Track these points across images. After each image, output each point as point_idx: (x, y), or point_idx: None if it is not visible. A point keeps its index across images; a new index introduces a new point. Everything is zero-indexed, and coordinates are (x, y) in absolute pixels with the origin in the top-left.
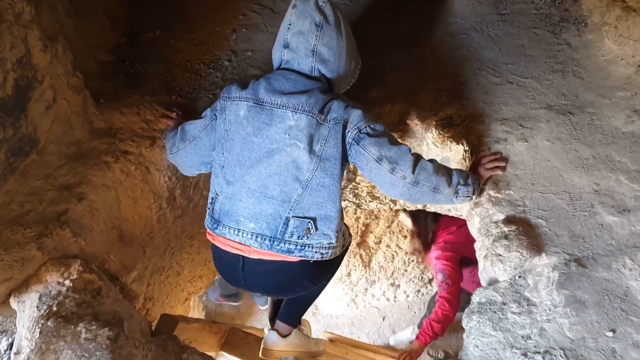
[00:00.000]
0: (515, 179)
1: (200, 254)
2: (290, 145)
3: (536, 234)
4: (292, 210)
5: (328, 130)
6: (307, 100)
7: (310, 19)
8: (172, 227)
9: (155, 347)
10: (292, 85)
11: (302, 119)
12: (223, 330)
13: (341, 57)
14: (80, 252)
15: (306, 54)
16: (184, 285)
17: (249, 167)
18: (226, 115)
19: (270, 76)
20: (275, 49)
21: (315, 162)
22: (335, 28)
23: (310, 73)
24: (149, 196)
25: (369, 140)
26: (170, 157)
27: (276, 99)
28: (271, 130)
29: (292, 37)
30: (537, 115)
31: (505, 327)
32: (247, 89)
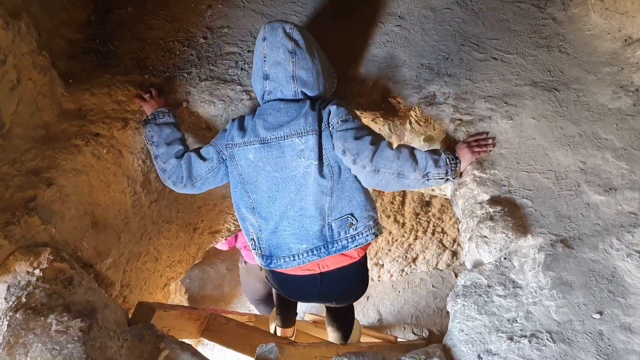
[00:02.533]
0: (500, 158)
1: (178, 239)
2: (308, 167)
3: (522, 214)
4: (330, 217)
5: (324, 139)
6: (305, 122)
7: (283, 48)
8: (148, 211)
9: (131, 337)
10: (285, 114)
11: (309, 139)
12: (203, 317)
13: (319, 75)
14: (51, 240)
15: (287, 81)
16: (162, 271)
17: (282, 198)
18: (236, 161)
19: (262, 113)
20: (256, 81)
21: (329, 171)
22: (307, 50)
23: (294, 97)
24: (123, 180)
25: (337, 134)
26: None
27: (278, 133)
28: (286, 160)
29: (270, 68)
30: (522, 92)
31: (490, 311)
32: (246, 132)
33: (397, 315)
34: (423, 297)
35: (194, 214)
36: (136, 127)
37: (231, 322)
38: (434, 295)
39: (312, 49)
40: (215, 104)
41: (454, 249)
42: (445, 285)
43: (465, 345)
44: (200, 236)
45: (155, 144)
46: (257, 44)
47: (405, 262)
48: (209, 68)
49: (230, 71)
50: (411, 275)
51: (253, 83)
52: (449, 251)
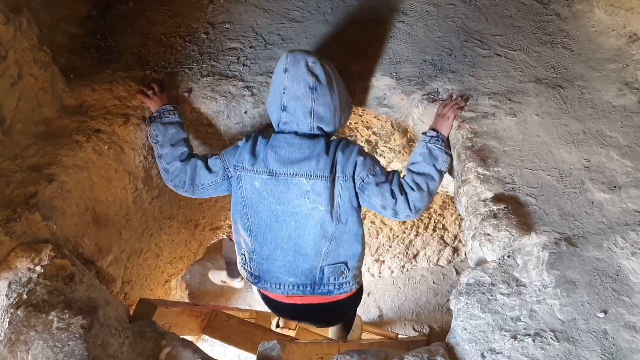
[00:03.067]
0: (503, 155)
1: (180, 235)
2: (312, 209)
3: (525, 212)
4: (324, 261)
5: (340, 187)
6: (317, 165)
7: (304, 83)
8: (150, 208)
9: (132, 334)
10: (298, 151)
11: (317, 184)
12: (204, 313)
13: (336, 110)
14: (52, 236)
15: (304, 116)
16: (163, 267)
17: (279, 229)
18: (242, 185)
19: (275, 144)
20: (272, 108)
21: (336, 218)
22: (327, 86)
23: (309, 132)
24: (124, 176)
25: (371, 189)
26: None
27: (287, 169)
28: (290, 196)
29: (289, 101)
30: (526, 89)
31: (494, 309)
32: (257, 159)
33: (398, 312)
34: (424, 294)
35: (195, 210)
36: (137, 123)
37: (232, 319)
38: (435, 292)
39: (333, 83)
40: (216, 100)
41: (455, 246)
42: (446, 282)
43: (469, 344)
44: (201, 232)
45: (159, 143)
46: (277, 73)
47: (406, 258)
48: (210, 64)
49: (232, 67)
50: (412, 271)
51: (269, 108)
52: (450, 247)
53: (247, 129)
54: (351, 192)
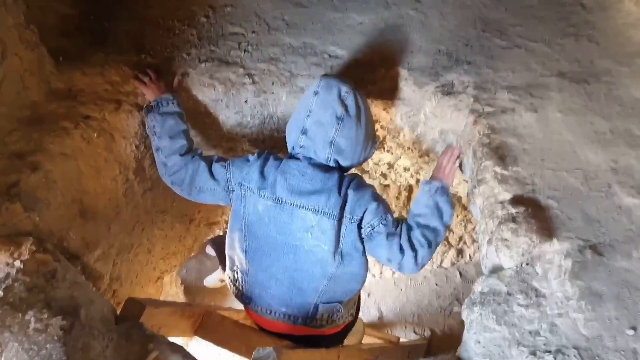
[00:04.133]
0: (523, 153)
1: (173, 230)
2: (314, 246)
3: (546, 216)
4: (319, 298)
5: (346, 228)
6: (326, 201)
7: (332, 111)
8: (141, 200)
9: (117, 336)
10: (309, 182)
11: (323, 221)
12: (197, 314)
13: (357, 145)
14: (34, 229)
15: (324, 145)
16: (155, 263)
17: (276, 259)
18: (245, 204)
19: (287, 170)
20: (292, 129)
21: (338, 259)
22: (355, 118)
23: (325, 162)
24: (114, 166)
25: (380, 240)
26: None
27: (295, 200)
28: (293, 228)
29: (311, 125)
30: (548, 84)
31: (510, 321)
32: (265, 181)
33: (399, 314)
34: (426, 296)
35: (190, 204)
36: (130, 109)
37: (227, 321)
38: (437, 294)
39: (361, 117)
40: (215, 87)
41: (460, 247)
42: (449, 284)
43: (483, 359)
44: (196, 228)
45: (157, 135)
46: (307, 95)
47: None
48: (209, 49)
49: (233, 53)
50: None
51: (288, 129)
52: (454, 249)
53: (246, 119)
54: (356, 237)
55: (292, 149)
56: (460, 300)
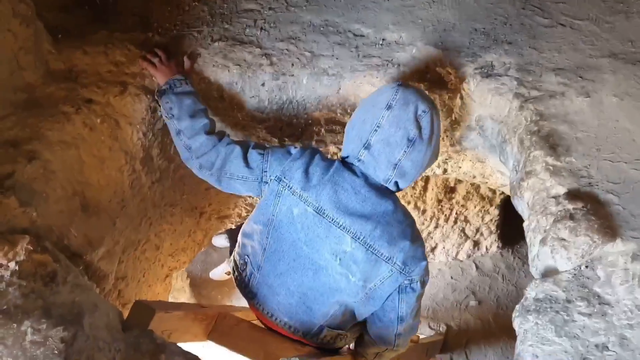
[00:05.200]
0: (576, 142)
1: (183, 224)
2: (340, 274)
3: (607, 213)
4: (327, 322)
5: (390, 273)
6: (372, 231)
7: (404, 132)
8: (149, 193)
9: (125, 346)
10: (360, 204)
11: (359, 251)
12: (210, 316)
13: (421, 168)
14: (31, 226)
15: (387, 166)
16: (164, 260)
17: (293, 270)
18: (278, 202)
19: (339, 180)
20: (352, 139)
21: (361, 297)
22: (427, 142)
23: (384, 183)
24: (119, 156)
25: (410, 296)
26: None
27: (338, 217)
28: (324, 246)
29: (377, 142)
30: (600, 65)
31: (572, 332)
32: (309, 183)
33: None
34: (441, 289)
35: (200, 196)
36: (136, 93)
37: (242, 324)
38: (453, 288)
39: (432, 140)
40: (229, 69)
41: (476, 239)
42: (465, 277)
43: None
44: (207, 221)
45: (176, 117)
46: (377, 104)
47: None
48: (223, 27)
49: (248, 31)
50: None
51: (348, 134)
52: (470, 241)
53: (263, 105)
54: (394, 287)
55: (347, 157)
56: (477, 294)
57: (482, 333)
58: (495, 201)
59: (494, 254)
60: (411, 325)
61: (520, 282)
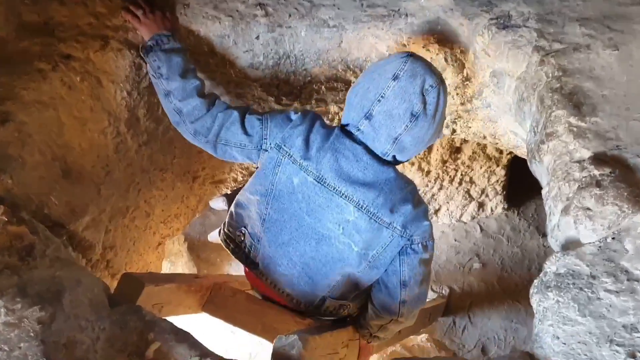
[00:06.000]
0: (603, 101)
1: (175, 190)
2: (343, 244)
3: (637, 179)
4: (329, 293)
5: (391, 238)
6: (374, 199)
7: (408, 105)
8: (136, 157)
9: (110, 325)
10: (362, 171)
11: (362, 220)
12: (205, 287)
13: (421, 144)
14: (6, 194)
15: (386, 139)
16: (155, 228)
17: (295, 240)
18: (278, 171)
19: (340, 148)
20: (354, 107)
21: (364, 266)
22: (431, 118)
23: (382, 156)
24: (102, 117)
25: (411, 258)
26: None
27: (341, 186)
28: (326, 215)
29: (380, 114)
30: (629, 14)
31: (598, 312)
32: (309, 151)
33: None
34: (444, 252)
35: (193, 160)
36: (119, 48)
37: (239, 295)
38: (456, 250)
39: (437, 117)
40: (220, 20)
41: (481, 200)
42: (469, 240)
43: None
44: (200, 186)
45: (164, 77)
46: (383, 73)
47: None
48: None
49: None
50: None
51: (350, 101)
52: (475, 202)
53: (258, 60)
54: (395, 251)
55: (347, 125)
56: (481, 256)
57: (485, 296)
58: (501, 161)
59: (499, 216)
60: (417, 294)
61: (525, 245)
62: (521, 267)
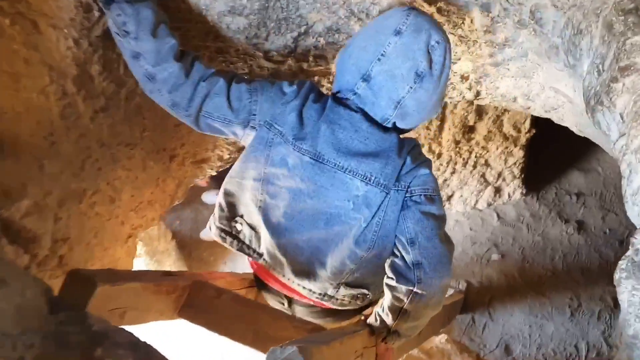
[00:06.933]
0: None
1: (147, 171)
2: (355, 219)
3: None
4: (344, 279)
5: (387, 197)
6: (382, 169)
7: (412, 64)
8: (92, 126)
9: (41, 340)
10: (363, 141)
11: (372, 193)
12: (181, 287)
13: (425, 110)
14: None
15: (387, 103)
16: (124, 217)
17: (299, 224)
18: (270, 153)
19: (335, 118)
20: (348, 69)
21: (371, 237)
22: (436, 79)
23: (382, 123)
24: (41, 72)
25: (413, 212)
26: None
27: (342, 161)
28: (331, 194)
29: (380, 74)
30: None
31: None
32: (303, 130)
33: None
34: (459, 243)
35: (168, 134)
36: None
37: (225, 296)
38: (472, 240)
39: (442, 78)
40: None
41: (498, 185)
42: (485, 229)
43: None
44: (179, 167)
45: (132, 35)
46: (383, 28)
47: None
48: None
49: None
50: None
51: (343, 62)
52: (491, 187)
53: (241, 2)
54: (398, 209)
55: (339, 90)
56: (499, 246)
57: (506, 289)
58: (519, 141)
59: (517, 202)
60: (432, 253)
61: (547, 232)
62: (543, 257)
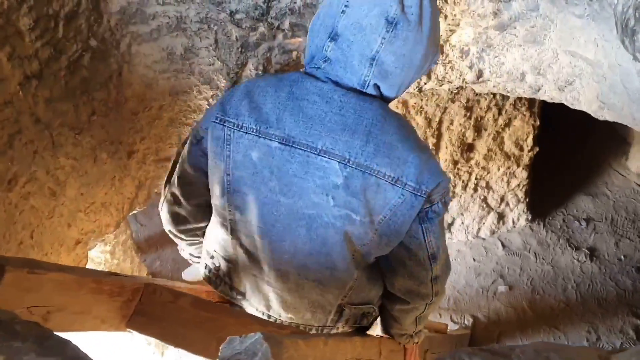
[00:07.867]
0: None
1: (97, 164)
2: (340, 218)
3: None
4: (346, 297)
5: (402, 198)
6: (362, 147)
7: (380, 9)
8: (22, 95)
9: None
10: (337, 113)
11: (355, 177)
12: (130, 290)
13: (411, 67)
14: None
15: (360, 61)
16: (71, 217)
17: (278, 238)
18: (229, 153)
19: (300, 93)
20: (317, 32)
21: (372, 238)
22: (416, 25)
23: (360, 87)
24: None
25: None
26: None
27: (314, 140)
28: (306, 186)
29: (346, 28)
30: None
31: None
32: (261, 113)
33: None
34: (462, 275)
35: (125, 125)
36: None
37: (183, 299)
38: (476, 272)
39: (424, 23)
40: None
41: (501, 210)
42: (490, 259)
43: None
44: (140, 166)
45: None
46: None
47: None
48: None
49: None
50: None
51: (311, 32)
52: (494, 213)
53: None
54: (412, 215)
55: (309, 62)
56: (506, 278)
57: (516, 324)
58: (522, 160)
59: (523, 229)
60: (444, 261)
61: (557, 261)
62: (555, 287)
